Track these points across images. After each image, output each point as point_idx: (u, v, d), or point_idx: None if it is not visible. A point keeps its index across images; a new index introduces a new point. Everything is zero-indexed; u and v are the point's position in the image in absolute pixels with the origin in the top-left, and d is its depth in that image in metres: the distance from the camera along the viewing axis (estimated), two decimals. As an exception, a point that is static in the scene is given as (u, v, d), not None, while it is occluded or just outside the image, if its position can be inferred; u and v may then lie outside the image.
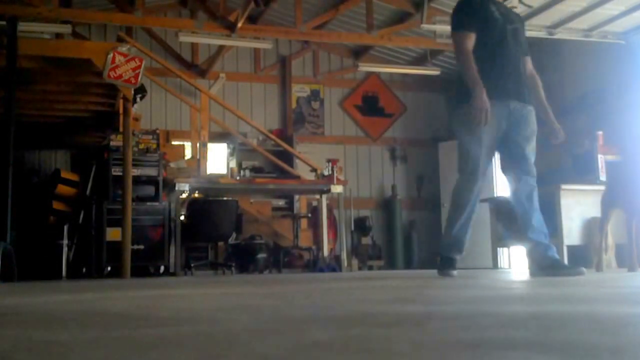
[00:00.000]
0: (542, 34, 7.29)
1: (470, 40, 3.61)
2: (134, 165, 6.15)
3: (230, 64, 10.04)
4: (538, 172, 3.73)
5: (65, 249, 6.52)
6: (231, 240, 7.46)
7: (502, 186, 9.57)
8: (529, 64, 3.96)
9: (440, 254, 3.76)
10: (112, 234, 6.17)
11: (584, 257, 5.86)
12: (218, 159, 9.17)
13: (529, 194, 3.60)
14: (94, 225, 6.55)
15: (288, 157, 8.83)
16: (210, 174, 8.06)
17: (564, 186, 5.96)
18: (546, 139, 3.92)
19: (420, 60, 9.88)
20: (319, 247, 7.66)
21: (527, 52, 3.97)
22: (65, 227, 6.61)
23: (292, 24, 8.38)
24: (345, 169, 10.06)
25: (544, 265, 3.44)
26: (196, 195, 7.27)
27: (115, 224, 5.91)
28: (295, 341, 0.77)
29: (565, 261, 5.79)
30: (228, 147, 9.53)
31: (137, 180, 6.43)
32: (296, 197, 8.99)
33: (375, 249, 9.83)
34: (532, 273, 3.55)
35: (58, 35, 8.06)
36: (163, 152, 7.14)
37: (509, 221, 6.56)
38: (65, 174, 6.96)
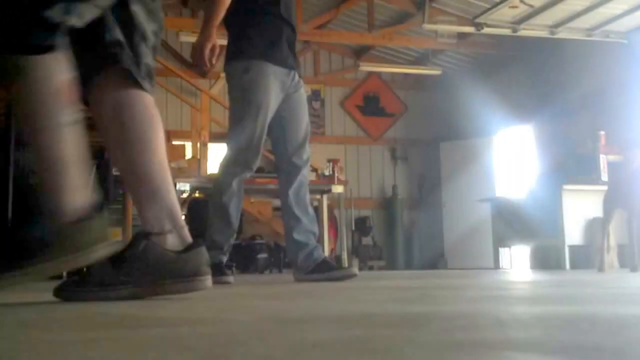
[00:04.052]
0: (544, 34, 7.28)
1: None
2: (135, 165, 6.14)
3: (231, 64, 10.04)
4: (541, 172, 3.66)
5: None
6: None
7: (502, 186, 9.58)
8: None
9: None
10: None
11: (586, 257, 5.86)
12: (218, 159, 9.16)
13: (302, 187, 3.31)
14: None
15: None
16: (211, 174, 8.06)
17: (565, 186, 5.96)
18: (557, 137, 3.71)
19: (421, 60, 9.88)
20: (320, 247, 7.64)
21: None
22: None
23: (293, 23, 8.37)
24: (346, 169, 10.06)
25: (309, 266, 3.20)
26: (196, 195, 7.27)
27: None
28: (295, 341, 0.76)
29: (567, 263, 5.80)
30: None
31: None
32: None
33: (376, 249, 9.83)
34: (299, 276, 3.27)
35: (59, 35, 8.06)
36: (164, 152, 7.14)
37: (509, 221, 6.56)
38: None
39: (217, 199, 3.36)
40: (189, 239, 1.63)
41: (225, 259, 3.35)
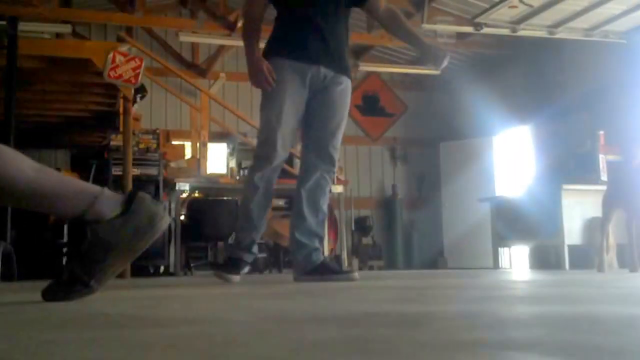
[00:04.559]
0: (543, 34, 7.28)
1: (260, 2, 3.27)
2: (134, 164, 6.14)
3: (231, 64, 10.04)
4: (540, 172, 3.64)
5: (65, 249, 6.51)
6: (231, 240, 7.45)
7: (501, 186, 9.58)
8: (378, 3, 3.29)
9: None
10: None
11: (585, 257, 5.86)
12: (218, 159, 9.17)
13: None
14: (94, 224, 6.54)
15: (288, 157, 8.82)
16: (210, 174, 8.06)
17: (565, 186, 5.96)
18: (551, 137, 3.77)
19: (419, 60, 9.88)
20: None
21: None
22: (65, 227, 6.61)
23: (293, 23, 8.37)
24: (346, 168, 10.06)
25: (307, 268, 3.17)
26: (196, 194, 7.27)
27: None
28: (295, 341, 0.76)
29: (567, 262, 5.80)
30: (228, 146, 9.54)
31: (137, 180, 6.42)
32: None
33: (376, 249, 9.83)
34: (297, 276, 3.24)
35: (58, 35, 8.06)
36: (163, 152, 7.14)
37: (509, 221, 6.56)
38: (65, 174, 6.96)
39: (242, 196, 3.33)
40: (118, 195, 1.60)
41: (246, 255, 3.25)
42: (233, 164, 9.32)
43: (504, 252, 7.63)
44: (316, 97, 3.23)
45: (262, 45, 3.35)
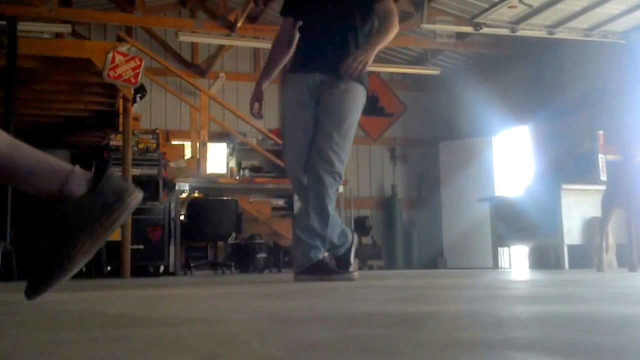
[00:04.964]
0: (542, 34, 7.29)
1: (284, 25, 3.45)
2: (134, 164, 6.15)
3: (230, 64, 10.04)
4: (539, 172, 3.65)
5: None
6: (231, 240, 7.45)
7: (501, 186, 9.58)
8: (381, 6, 3.31)
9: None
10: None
11: (584, 257, 5.86)
12: (218, 159, 9.17)
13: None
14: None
15: (288, 157, 8.82)
16: (210, 174, 8.06)
17: (564, 186, 5.97)
18: (548, 138, 3.78)
19: (420, 59, 9.88)
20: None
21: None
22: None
23: (292, 23, 8.37)
24: (345, 168, 10.06)
25: (304, 265, 3.22)
26: (196, 194, 7.27)
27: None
28: (295, 341, 0.77)
29: (566, 262, 5.80)
30: (228, 146, 9.53)
31: (137, 180, 6.43)
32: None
33: (376, 248, 9.83)
34: (296, 275, 3.29)
35: (58, 35, 8.06)
36: (163, 152, 7.14)
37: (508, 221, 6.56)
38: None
39: None
40: (86, 172, 1.59)
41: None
42: (233, 163, 9.32)
43: (503, 252, 7.63)
44: (319, 103, 3.31)
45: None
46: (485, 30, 7.33)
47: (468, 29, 7.52)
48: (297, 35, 3.45)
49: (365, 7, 3.32)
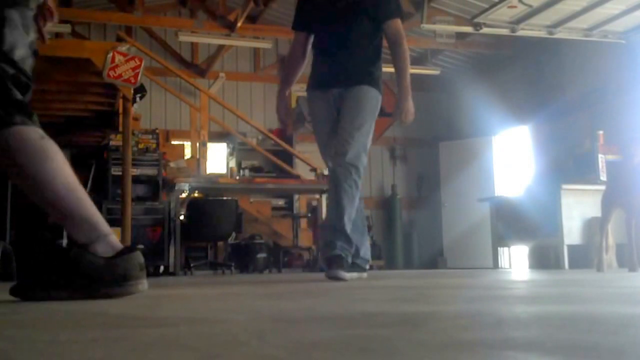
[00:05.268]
0: (542, 34, 7.28)
1: (297, 38, 3.65)
2: (134, 164, 6.14)
3: (230, 64, 10.04)
4: (539, 172, 3.69)
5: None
6: (231, 240, 7.45)
7: (502, 186, 9.58)
8: (389, 28, 3.53)
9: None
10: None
11: (584, 256, 5.86)
12: (218, 159, 9.17)
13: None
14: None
15: (288, 157, 8.83)
16: (210, 174, 8.05)
17: (564, 186, 5.97)
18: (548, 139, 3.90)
19: (420, 59, 9.88)
20: (319, 247, 7.65)
21: (385, 16, 3.51)
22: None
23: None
24: (345, 168, 10.05)
25: (322, 260, 3.52)
26: (196, 194, 7.27)
27: (115, 223, 5.90)
28: (295, 341, 0.77)
29: (566, 262, 5.80)
30: (228, 146, 9.53)
31: (137, 180, 6.42)
32: (296, 196, 8.98)
33: (375, 248, 9.82)
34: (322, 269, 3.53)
35: (58, 35, 8.06)
36: (163, 152, 7.14)
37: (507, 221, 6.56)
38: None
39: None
40: (118, 245, 1.72)
41: (330, 252, 3.29)
42: (233, 163, 9.32)
43: (503, 252, 7.63)
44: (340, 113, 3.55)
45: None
46: (485, 30, 7.33)
47: (468, 29, 7.52)
48: (310, 46, 3.66)
49: (376, 24, 3.52)
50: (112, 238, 1.71)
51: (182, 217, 6.75)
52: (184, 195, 7.00)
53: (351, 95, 3.50)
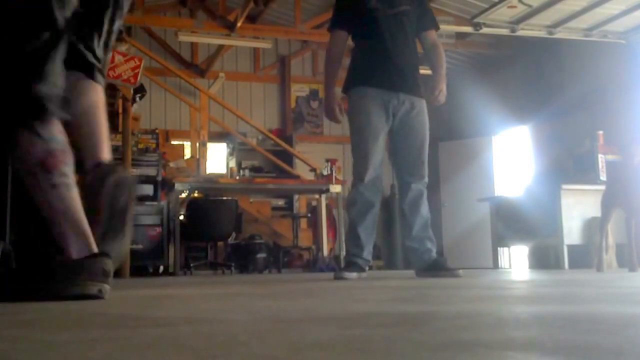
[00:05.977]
0: (542, 34, 7.29)
1: (341, 36, 3.69)
2: (133, 165, 6.15)
3: (230, 64, 10.04)
4: (539, 172, 3.74)
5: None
6: (230, 240, 7.45)
7: (501, 186, 9.58)
8: (430, 36, 3.86)
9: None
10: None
11: (584, 257, 5.87)
12: (217, 159, 9.17)
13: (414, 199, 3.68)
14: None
15: (287, 157, 8.83)
16: (210, 174, 8.06)
17: (564, 186, 5.97)
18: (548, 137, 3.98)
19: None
20: (319, 247, 7.66)
21: (426, 27, 3.82)
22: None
23: (292, 23, 8.38)
24: (344, 168, 10.05)
25: (422, 267, 3.60)
26: (195, 194, 7.27)
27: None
28: (295, 341, 0.77)
29: (566, 262, 5.80)
30: (227, 146, 9.54)
31: (137, 180, 6.42)
32: (296, 196, 8.99)
33: (375, 249, 9.81)
34: (416, 274, 3.68)
35: (57, 35, 8.04)
36: (162, 152, 7.14)
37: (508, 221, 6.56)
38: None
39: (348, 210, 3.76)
40: (94, 248, 1.73)
41: (355, 259, 3.61)
42: (233, 163, 9.32)
43: (503, 252, 7.63)
44: (399, 122, 3.64)
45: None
46: (485, 30, 7.33)
47: (468, 29, 7.52)
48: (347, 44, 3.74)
49: (416, 31, 3.76)
50: (90, 240, 1.74)
51: (181, 217, 6.75)
52: (183, 195, 7.01)
53: (420, 109, 3.69)
